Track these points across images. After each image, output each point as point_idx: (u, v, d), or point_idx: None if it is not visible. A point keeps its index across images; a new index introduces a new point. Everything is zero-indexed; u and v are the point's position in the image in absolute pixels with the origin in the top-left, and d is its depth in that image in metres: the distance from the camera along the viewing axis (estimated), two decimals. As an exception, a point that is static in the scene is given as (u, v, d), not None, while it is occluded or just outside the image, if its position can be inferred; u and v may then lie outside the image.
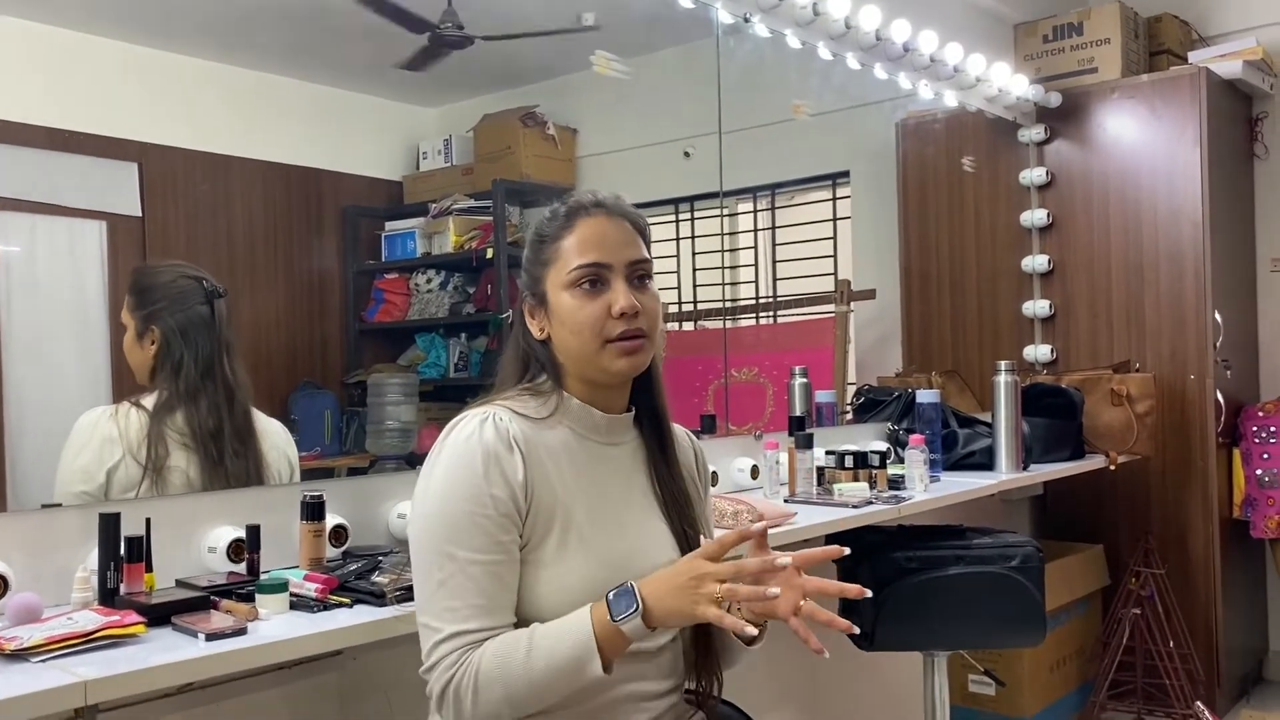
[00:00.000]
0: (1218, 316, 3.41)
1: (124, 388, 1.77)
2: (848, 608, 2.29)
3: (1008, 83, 3.51)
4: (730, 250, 3.46)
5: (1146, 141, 3.53)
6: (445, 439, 1.29)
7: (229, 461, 1.71)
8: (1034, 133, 3.72)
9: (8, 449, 1.71)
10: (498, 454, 1.26)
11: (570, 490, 1.32)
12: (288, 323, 2.26)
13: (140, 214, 1.95)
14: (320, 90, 2.35)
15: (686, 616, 1.20)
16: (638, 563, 1.32)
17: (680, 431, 1.50)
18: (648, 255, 1.37)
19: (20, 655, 1.17)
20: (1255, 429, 3.50)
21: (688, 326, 3.38)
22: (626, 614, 1.19)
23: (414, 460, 2.20)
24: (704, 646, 1.39)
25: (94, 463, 1.62)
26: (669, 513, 1.40)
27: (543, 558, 1.28)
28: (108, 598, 1.37)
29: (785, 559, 1.23)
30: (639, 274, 1.35)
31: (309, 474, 1.92)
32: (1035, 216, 3.72)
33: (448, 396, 2.54)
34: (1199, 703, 1.22)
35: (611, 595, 1.21)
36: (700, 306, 3.36)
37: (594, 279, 1.32)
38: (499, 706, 1.21)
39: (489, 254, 2.62)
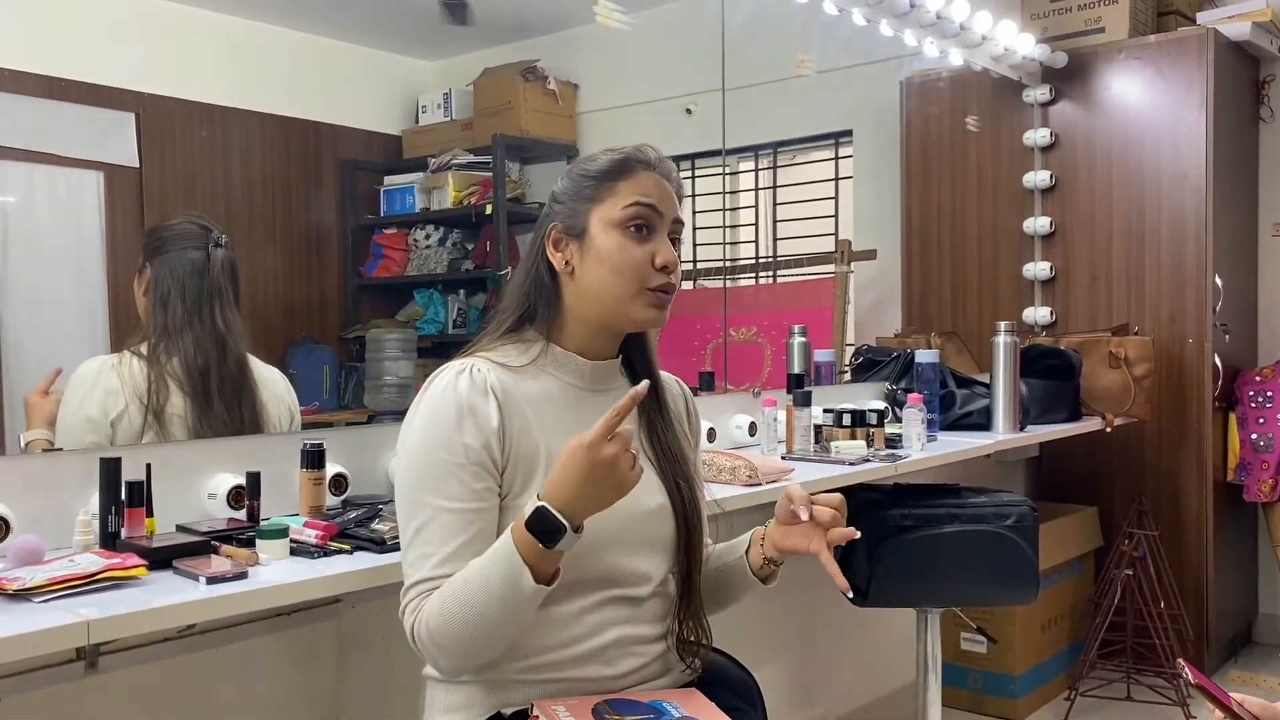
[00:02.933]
0: (1218, 281, 3.41)
1: (121, 335, 1.77)
2: (844, 563, 2.31)
3: (1014, 41, 3.47)
4: (731, 209, 3.45)
5: (1152, 103, 3.50)
6: (424, 392, 1.31)
7: (219, 407, 1.71)
8: (1039, 93, 3.69)
9: (6, 395, 1.71)
10: (472, 403, 1.27)
11: (552, 437, 1.32)
12: (286, 277, 2.25)
13: (137, 165, 1.94)
14: (319, 42, 2.33)
15: (616, 494, 1.21)
16: (624, 507, 1.32)
17: (671, 380, 1.51)
18: (683, 220, 1.40)
19: (23, 595, 1.18)
20: (1251, 394, 3.51)
21: (686, 285, 3.38)
22: (561, 540, 1.18)
23: (412, 416, 2.22)
24: (688, 594, 1.40)
25: (98, 413, 1.63)
26: (659, 460, 1.41)
27: (525, 504, 1.28)
28: (109, 541, 1.38)
29: (803, 512, 1.34)
30: (675, 235, 1.37)
31: (307, 428, 1.92)
32: (1038, 178, 3.70)
33: (446, 352, 2.52)
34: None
35: (530, 522, 1.19)
36: (700, 265, 3.35)
37: (645, 224, 1.33)
38: (461, 646, 1.22)
39: (488, 210, 2.61)
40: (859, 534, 1.33)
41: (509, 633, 1.24)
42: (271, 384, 1.82)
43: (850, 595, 1.28)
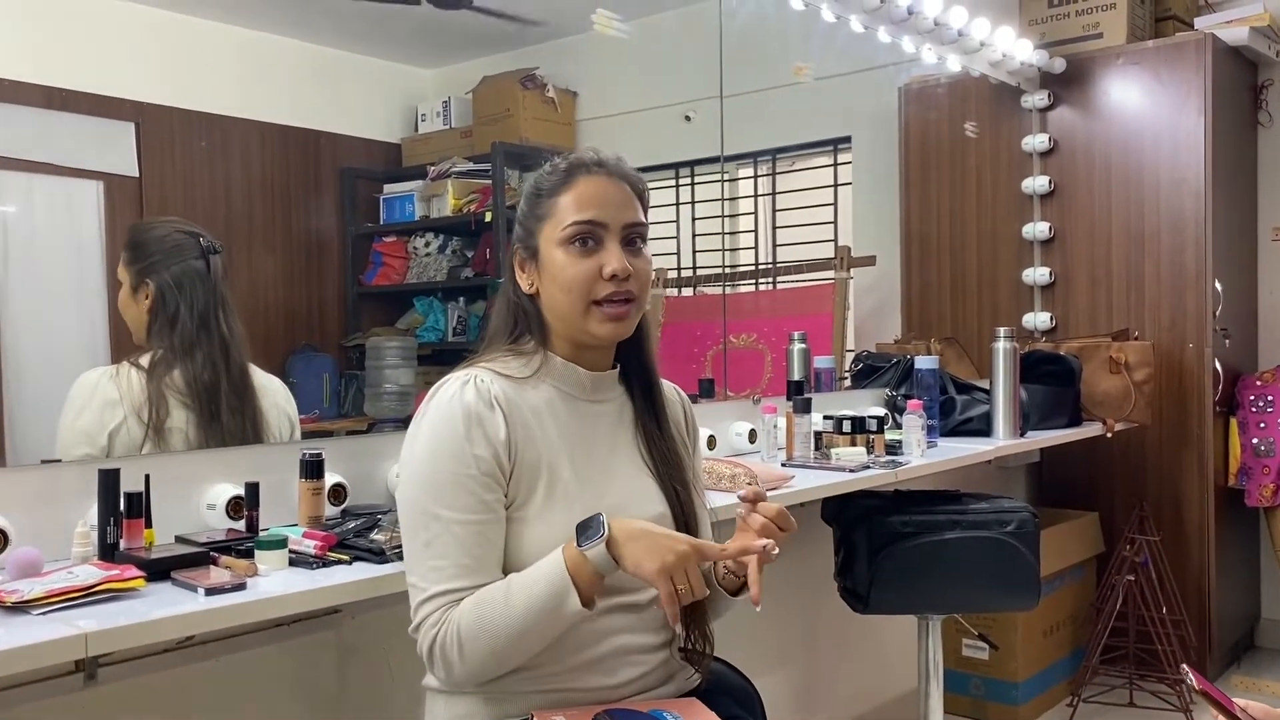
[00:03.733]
0: (1218, 285, 3.41)
1: (122, 346, 1.77)
2: (845, 569, 2.31)
3: (1012, 47, 3.48)
4: (730, 216, 3.45)
5: (1150, 108, 3.51)
6: (428, 403, 1.31)
7: (225, 418, 1.71)
8: (1037, 98, 3.70)
9: (6, 406, 1.71)
10: (479, 414, 1.27)
11: (554, 447, 1.32)
12: (286, 285, 2.25)
13: (137, 174, 1.94)
14: (318, 50, 2.34)
15: (645, 571, 1.20)
16: (625, 517, 1.32)
17: (668, 388, 1.51)
18: (643, 219, 1.38)
19: (21, 608, 1.18)
20: (1252, 398, 3.51)
21: (687, 292, 3.38)
22: (591, 540, 1.20)
23: (412, 423, 2.21)
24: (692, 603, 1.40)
25: (95, 425, 1.62)
26: (657, 469, 1.41)
27: (528, 514, 1.29)
28: (108, 553, 1.38)
29: (759, 544, 1.25)
30: (633, 236, 1.35)
31: (307, 436, 1.92)
32: (1037, 183, 3.71)
33: (446, 360, 2.54)
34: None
35: (579, 523, 1.22)
36: (700, 272, 3.36)
37: (588, 237, 1.32)
38: (486, 658, 1.23)
39: (487, 217, 2.61)
40: (771, 552, 1.24)
41: (535, 649, 1.24)
42: (272, 393, 1.82)
43: (758, 608, 1.24)
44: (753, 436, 2.53)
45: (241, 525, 1.56)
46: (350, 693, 1.70)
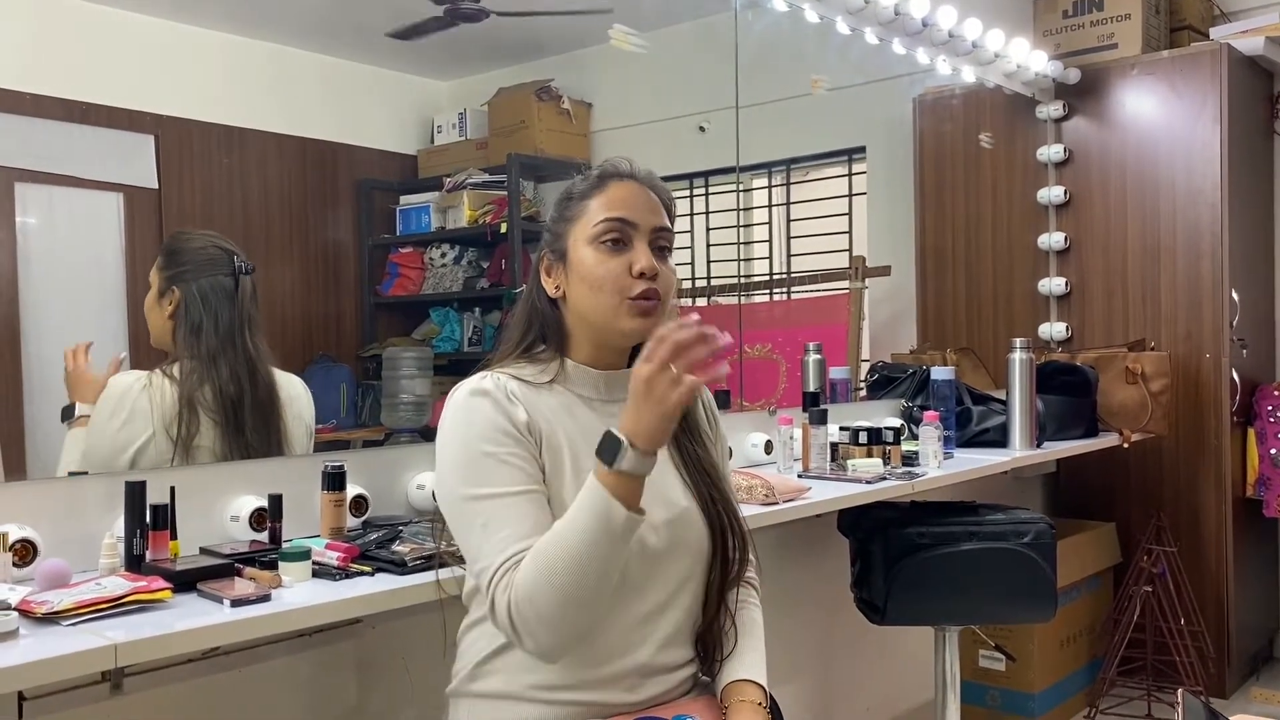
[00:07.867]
0: (1234, 295, 3.40)
1: (140, 357, 1.78)
2: (862, 580, 2.31)
3: (1026, 59, 3.48)
4: (745, 226, 3.45)
5: (1165, 118, 3.50)
6: (448, 405, 1.32)
7: (249, 434, 1.72)
8: (1052, 109, 3.69)
9: (30, 418, 1.72)
10: (498, 400, 1.29)
11: (575, 441, 1.33)
12: (303, 296, 2.26)
13: (156, 186, 1.96)
14: (335, 63, 2.35)
15: (670, 419, 1.18)
16: (649, 509, 1.30)
17: None
18: (670, 227, 1.39)
19: (51, 619, 1.19)
20: (1270, 408, 3.49)
21: (701, 302, 3.38)
22: (621, 458, 1.17)
23: (428, 434, 2.22)
24: (718, 607, 1.40)
25: (121, 441, 1.63)
26: (684, 460, 1.41)
27: (557, 494, 1.29)
28: (134, 564, 1.39)
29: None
30: (660, 243, 1.37)
31: (324, 446, 1.93)
32: (1052, 193, 3.70)
33: (462, 370, 2.52)
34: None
35: (598, 449, 1.19)
36: (714, 282, 3.36)
37: (618, 236, 1.34)
38: (556, 603, 1.18)
39: (503, 229, 2.62)
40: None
41: (602, 583, 1.20)
42: (295, 401, 1.83)
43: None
44: (769, 448, 2.53)
45: (264, 537, 1.57)
46: (371, 703, 1.71)
